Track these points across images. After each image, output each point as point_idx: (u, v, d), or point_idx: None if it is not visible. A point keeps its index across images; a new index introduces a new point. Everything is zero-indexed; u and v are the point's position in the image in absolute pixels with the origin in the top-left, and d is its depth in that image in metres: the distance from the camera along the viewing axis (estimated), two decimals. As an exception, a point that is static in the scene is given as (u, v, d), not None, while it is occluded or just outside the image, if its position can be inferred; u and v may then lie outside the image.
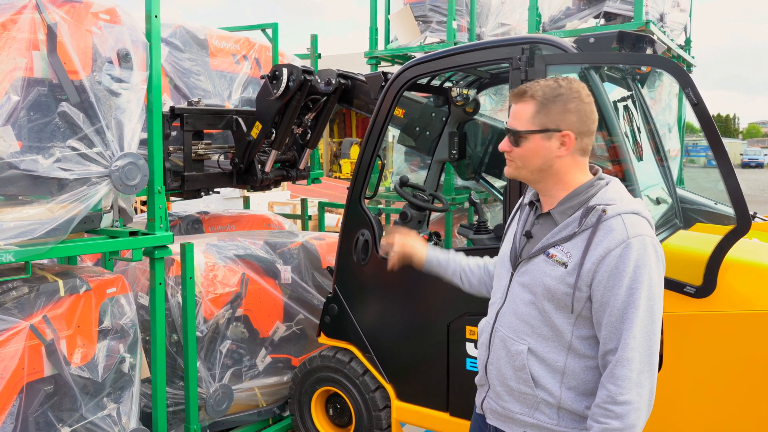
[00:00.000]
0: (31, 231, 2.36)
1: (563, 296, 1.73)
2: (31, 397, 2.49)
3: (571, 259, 1.72)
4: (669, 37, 5.98)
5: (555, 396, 1.77)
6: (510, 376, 1.84)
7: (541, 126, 1.77)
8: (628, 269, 1.64)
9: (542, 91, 1.78)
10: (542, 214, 1.87)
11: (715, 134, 2.37)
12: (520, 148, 1.82)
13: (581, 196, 1.79)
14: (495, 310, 1.94)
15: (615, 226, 1.69)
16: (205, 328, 3.44)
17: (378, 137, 3.32)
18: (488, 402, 1.94)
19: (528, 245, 1.88)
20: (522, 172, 1.86)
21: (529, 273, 1.83)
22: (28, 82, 2.44)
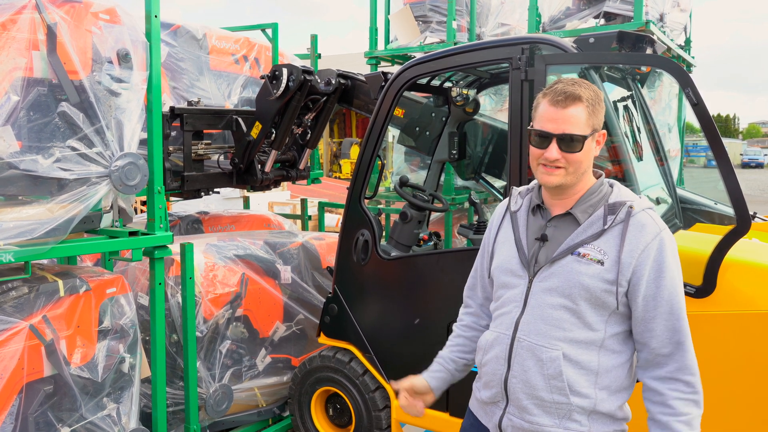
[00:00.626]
0: (30, 231, 2.36)
1: (603, 294, 1.74)
2: (30, 397, 2.49)
3: (607, 256, 1.74)
4: (669, 37, 5.97)
5: (590, 399, 1.76)
6: (542, 386, 1.78)
7: (592, 129, 1.79)
8: (668, 260, 1.74)
9: (587, 93, 1.78)
10: (557, 216, 1.86)
11: (715, 134, 2.37)
12: (577, 153, 1.77)
13: (597, 195, 1.83)
14: (512, 321, 1.85)
15: (645, 220, 1.76)
16: (205, 328, 3.44)
17: (378, 137, 3.32)
18: (509, 419, 1.85)
19: (545, 249, 1.84)
20: (570, 178, 1.80)
21: (557, 275, 1.79)
22: (28, 82, 2.44)
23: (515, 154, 2.77)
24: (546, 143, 1.79)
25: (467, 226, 3.53)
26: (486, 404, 1.94)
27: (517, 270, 1.87)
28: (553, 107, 1.78)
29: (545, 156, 1.79)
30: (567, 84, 1.79)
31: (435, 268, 3.16)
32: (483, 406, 1.96)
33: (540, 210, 1.91)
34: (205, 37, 4.16)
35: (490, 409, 1.93)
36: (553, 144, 1.77)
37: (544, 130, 1.79)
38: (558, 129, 1.76)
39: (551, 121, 1.78)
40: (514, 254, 1.89)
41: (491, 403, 1.92)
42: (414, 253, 3.42)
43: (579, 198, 1.83)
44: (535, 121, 1.84)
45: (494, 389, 1.89)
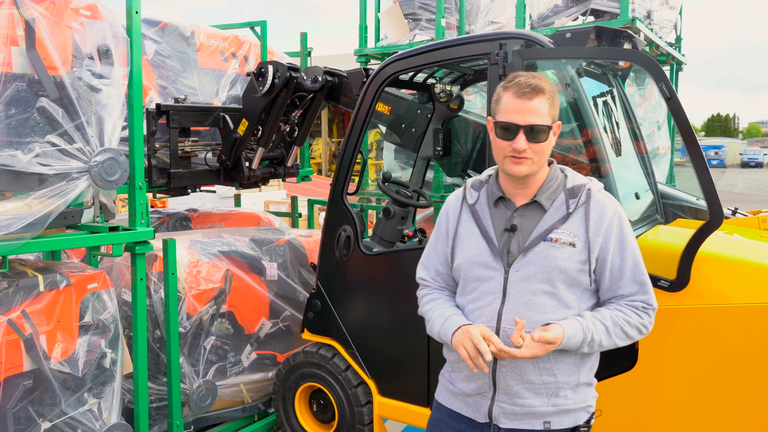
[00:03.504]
0: (7, 226, 2.37)
1: (578, 273, 1.86)
2: (9, 392, 2.49)
3: (577, 238, 1.87)
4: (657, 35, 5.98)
5: (575, 374, 1.90)
6: (531, 370, 1.86)
7: (552, 119, 1.89)
8: (627, 232, 1.92)
9: (548, 85, 1.88)
10: (523, 205, 1.92)
11: (688, 129, 2.38)
12: (541, 143, 1.85)
13: (556, 181, 1.94)
14: (494, 312, 1.89)
15: (603, 200, 1.91)
16: (189, 324, 3.45)
17: (359, 133, 3.33)
18: (500, 407, 1.90)
19: (515, 239, 1.89)
20: (535, 167, 1.88)
21: (533, 263, 1.86)
22: (6, 77, 2.45)
23: (493, 150, 2.77)
24: (512, 135, 1.85)
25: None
26: (468, 396, 1.97)
27: (490, 262, 1.91)
28: (518, 99, 1.84)
29: (514, 147, 1.84)
30: (529, 77, 1.86)
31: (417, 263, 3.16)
32: (463, 398, 1.98)
33: (503, 201, 1.95)
34: (194, 34, 4.17)
35: (474, 400, 1.96)
36: (520, 135, 1.83)
37: (511, 122, 1.84)
38: (525, 120, 1.83)
39: (518, 112, 1.83)
40: (485, 247, 1.93)
41: (476, 394, 1.95)
42: (396, 249, 3.43)
43: (540, 186, 1.92)
44: (500, 114, 1.88)
45: (480, 381, 1.93)
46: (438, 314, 2.01)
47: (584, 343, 1.83)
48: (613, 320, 1.88)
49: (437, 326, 1.99)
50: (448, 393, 2.05)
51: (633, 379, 2.59)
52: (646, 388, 2.59)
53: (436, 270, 2.10)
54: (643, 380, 2.59)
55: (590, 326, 1.84)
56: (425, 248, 2.16)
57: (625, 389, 2.62)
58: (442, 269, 2.09)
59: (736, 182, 30.71)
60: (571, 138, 3.03)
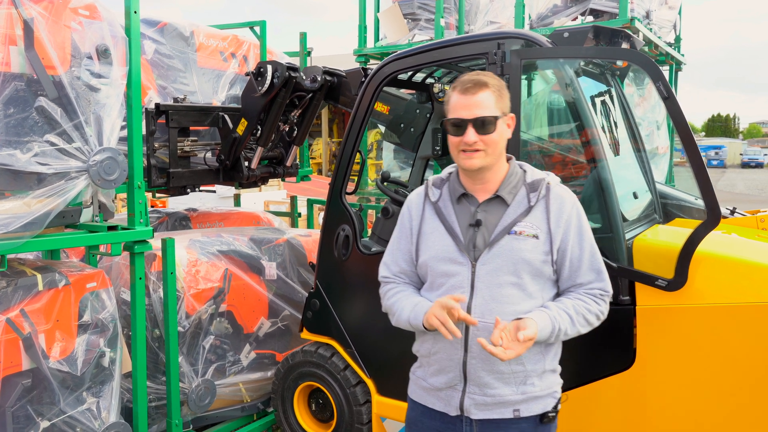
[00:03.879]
0: (6, 224, 2.37)
1: (542, 264, 1.94)
2: (8, 391, 2.50)
3: (540, 230, 1.94)
4: (657, 35, 5.99)
5: (540, 362, 1.97)
6: (500, 360, 1.88)
7: (501, 111, 1.96)
8: (584, 223, 2.01)
9: (493, 80, 1.96)
10: (486, 201, 1.99)
11: (686, 128, 2.39)
12: (490, 134, 1.92)
13: (516, 176, 2.02)
14: (462, 306, 1.92)
15: (562, 193, 2.00)
16: (188, 323, 3.45)
17: (358, 133, 3.33)
18: (471, 399, 1.95)
19: (480, 233, 1.95)
20: (489, 160, 1.95)
21: (499, 256, 1.92)
22: (5, 77, 2.45)
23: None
24: (462, 130, 1.93)
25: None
26: (440, 390, 2.01)
27: (457, 257, 1.97)
28: (463, 96, 1.94)
29: (464, 141, 1.93)
30: (473, 75, 1.97)
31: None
32: (434, 393, 2.03)
33: (466, 198, 2.02)
34: (193, 34, 4.18)
35: (446, 394, 2.00)
36: (469, 129, 1.92)
37: (459, 117, 1.94)
38: (471, 114, 1.92)
39: (464, 108, 1.93)
40: (450, 243, 1.98)
41: (447, 387, 1.99)
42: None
43: (501, 182, 1.99)
44: (449, 112, 1.98)
45: (450, 374, 1.98)
46: (406, 303, 2.05)
47: (552, 334, 1.91)
48: (575, 309, 1.95)
49: (406, 312, 2.02)
50: (421, 390, 2.10)
51: (630, 378, 2.60)
52: (643, 387, 2.60)
53: (400, 268, 2.14)
54: (640, 380, 2.59)
55: (556, 317, 1.92)
56: (387, 248, 2.20)
57: (623, 389, 2.62)
58: (407, 267, 2.13)
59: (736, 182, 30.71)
60: (570, 138, 3.03)
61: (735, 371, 2.44)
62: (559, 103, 3.09)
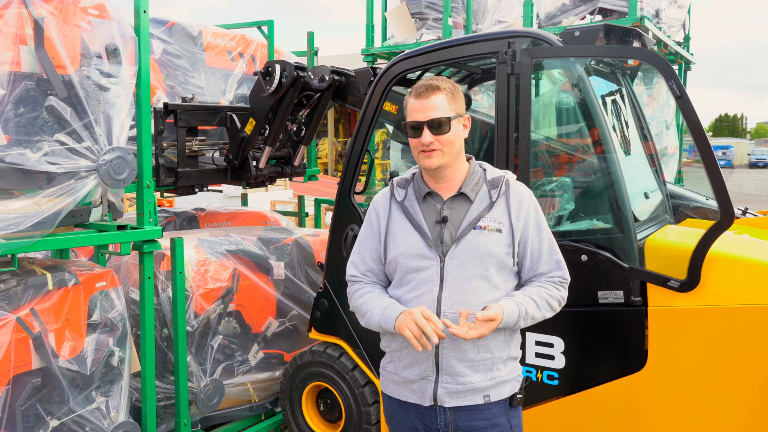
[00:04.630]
0: (16, 224, 2.38)
1: (505, 256, 2.04)
2: (18, 390, 2.50)
3: (502, 224, 2.05)
4: (666, 34, 5.95)
5: (506, 349, 2.08)
6: (470, 348, 2.02)
7: (455, 113, 2.05)
8: (541, 217, 2.12)
9: (445, 84, 2.05)
10: (450, 198, 2.08)
11: (699, 128, 2.36)
12: (445, 135, 2.01)
13: (477, 174, 2.12)
14: (433, 299, 2.01)
15: (519, 189, 2.12)
16: (196, 322, 3.45)
17: (366, 133, 3.32)
18: (443, 388, 2.03)
19: (447, 229, 2.05)
20: (446, 159, 2.03)
21: (466, 250, 2.02)
22: (15, 76, 2.45)
23: (502, 148, 2.77)
24: (419, 132, 2.03)
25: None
26: (413, 382, 2.08)
27: (425, 253, 2.04)
28: (418, 100, 2.04)
29: (421, 142, 2.02)
30: (427, 80, 2.06)
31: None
32: (407, 386, 2.10)
33: (431, 196, 2.11)
34: (201, 34, 4.18)
35: (419, 386, 2.07)
36: (425, 130, 2.01)
37: (415, 120, 2.04)
38: (426, 116, 2.01)
39: (419, 111, 2.03)
40: (418, 239, 2.06)
41: (420, 379, 2.07)
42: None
43: (464, 179, 2.09)
44: (407, 116, 2.08)
45: (423, 365, 2.05)
46: (375, 304, 2.10)
47: (520, 318, 2.00)
48: (539, 295, 2.06)
49: (377, 316, 2.07)
50: (393, 384, 2.15)
51: (643, 379, 2.58)
52: (655, 389, 2.58)
53: (367, 266, 2.20)
54: (652, 381, 2.57)
55: (522, 302, 2.02)
56: (353, 248, 2.26)
57: (635, 390, 2.60)
58: (374, 265, 2.19)
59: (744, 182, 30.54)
60: (579, 137, 3.01)
61: (748, 373, 2.42)
62: (569, 103, 3.07)
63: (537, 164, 3.25)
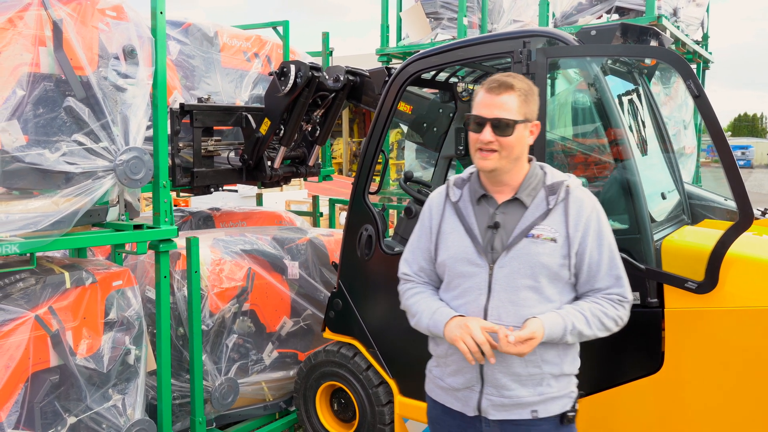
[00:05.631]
0: (35, 223, 2.41)
1: (559, 268, 1.93)
2: (36, 387, 2.53)
3: (558, 233, 1.93)
4: (684, 33, 5.89)
5: (558, 365, 1.97)
6: (517, 362, 1.91)
7: (524, 116, 1.94)
8: (604, 227, 1.99)
9: (521, 84, 1.95)
10: (504, 202, 1.99)
11: (717, 128, 2.33)
12: (507, 137, 1.91)
13: (535, 178, 2.01)
14: (479, 308, 1.94)
15: (582, 196, 1.99)
16: (211, 321, 3.47)
17: (381, 132, 3.32)
18: (488, 400, 1.96)
19: (498, 235, 1.96)
20: (503, 162, 1.94)
21: (516, 259, 1.92)
22: (34, 77, 2.49)
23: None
24: (480, 128, 1.93)
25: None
26: (457, 390, 2.03)
27: (474, 259, 1.97)
28: (488, 94, 1.94)
29: (480, 138, 1.93)
30: (502, 76, 1.96)
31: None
32: (452, 393, 2.04)
33: (485, 199, 2.02)
34: (217, 35, 4.21)
35: (463, 394, 2.01)
36: (487, 128, 1.92)
37: (479, 115, 1.94)
38: (491, 114, 1.92)
39: (485, 106, 1.93)
40: (468, 244, 1.98)
41: (465, 388, 2.00)
42: (418, 249, 3.41)
43: (520, 183, 1.99)
44: (473, 109, 1.99)
45: (468, 375, 1.98)
46: (425, 307, 2.05)
47: (566, 332, 1.90)
48: (591, 311, 1.94)
49: (425, 319, 2.02)
50: (438, 389, 2.10)
51: (659, 382, 2.55)
52: (672, 391, 2.55)
53: (419, 266, 2.15)
54: (669, 383, 2.55)
55: (569, 316, 1.91)
56: (407, 245, 2.20)
57: (651, 392, 2.58)
58: (426, 265, 2.14)
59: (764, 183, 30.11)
60: (596, 137, 2.99)
61: (766, 376, 2.38)
62: (585, 102, 3.05)
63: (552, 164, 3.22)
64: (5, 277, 2.57)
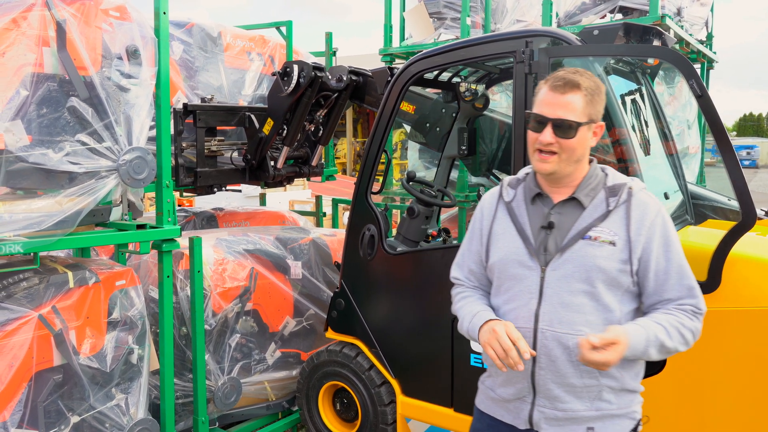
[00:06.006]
0: (38, 223, 2.42)
1: (618, 273, 1.79)
2: (40, 386, 2.54)
3: (618, 236, 1.79)
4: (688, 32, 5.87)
5: (617, 378, 1.82)
6: (572, 373, 1.79)
7: (588, 118, 1.82)
8: (671, 233, 1.84)
9: (587, 82, 1.81)
10: (561, 202, 1.87)
11: (720, 127, 2.33)
12: (571, 140, 1.80)
13: (595, 179, 1.88)
14: (530, 313, 1.83)
15: (646, 199, 1.85)
16: (214, 321, 3.48)
17: (384, 132, 3.32)
18: (540, 412, 1.84)
19: (552, 237, 1.84)
20: (562, 165, 1.82)
21: (571, 262, 1.80)
22: (38, 77, 2.50)
23: (519, 148, 2.76)
24: (541, 127, 1.82)
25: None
26: (508, 401, 1.91)
27: (525, 261, 1.86)
28: (551, 92, 1.81)
29: (540, 139, 1.81)
30: (568, 72, 1.82)
31: (441, 263, 3.15)
32: (503, 404, 1.93)
33: (540, 198, 1.91)
34: (220, 35, 4.22)
35: (514, 406, 1.90)
36: (548, 128, 1.80)
37: (540, 113, 1.82)
38: (553, 114, 1.79)
39: (548, 105, 1.81)
40: (520, 245, 1.88)
41: (516, 399, 1.89)
42: (420, 249, 3.41)
43: (579, 183, 1.87)
44: (534, 106, 1.86)
45: (519, 385, 1.87)
46: (467, 312, 1.96)
47: (649, 344, 1.74)
48: (669, 322, 1.78)
49: (466, 323, 1.94)
50: (489, 400, 2.00)
51: (661, 382, 2.54)
52: (674, 392, 2.54)
53: (469, 269, 2.06)
54: (670, 384, 2.54)
55: (650, 327, 1.76)
56: (460, 247, 2.12)
57: (652, 394, 2.57)
58: (476, 268, 2.04)
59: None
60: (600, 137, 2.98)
61: (770, 377, 2.38)
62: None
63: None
64: (9, 277, 2.58)
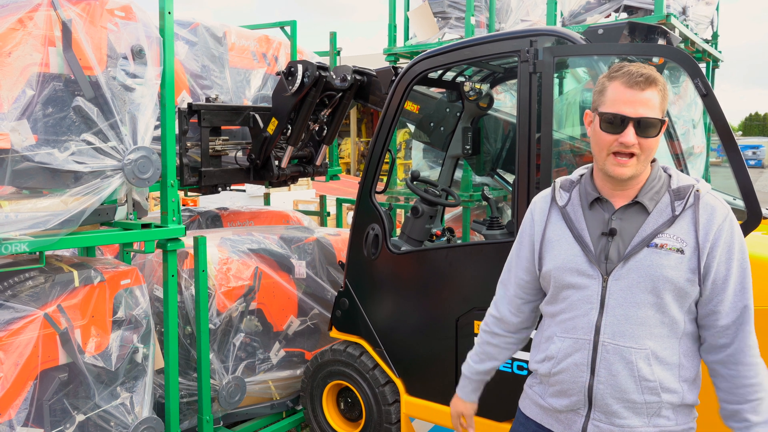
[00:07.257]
0: (44, 222, 2.43)
1: (687, 283, 1.67)
2: (45, 385, 2.56)
3: (686, 244, 1.68)
4: (693, 31, 5.85)
5: (678, 393, 1.73)
6: (633, 389, 1.70)
7: (662, 114, 1.70)
8: (738, 240, 1.71)
9: (660, 77, 1.71)
10: (622, 207, 1.75)
11: (725, 126, 2.32)
12: (653, 138, 1.68)
13: (659, 180, 1.76)
14: (590, 324, 1.73)
15: (713, 202, 1.72)
16: (219, 320, 3.49)
17: (388, 132, 3.33)
18: (595, 426, 1.75)
19: (614, 244, 1.73)
20: (640, 167, 1.71)
21: (635, 271, 1.70)
22: (44, 77, 2.51)
23: (523, 148, 2.75)
24: (620, 128, 1.67)
25: (481, 222, 3.51)
26: (560, 412, 1.84)
27: (585, 269, 1.75)
28: (629, 89, 1.67)
29: (622, 141, 1.67)
30: (640, 67, 1.69)
31: (445, 262, 3.15)
32: (553, 414, 1.86)
33: (600, 203, 1.79)
34: (225, 35, 4.23)
35: (566, 417, 1.82)
36: (629, 128, 1.66)
37: (619, 113, 1.67)
38: (636, 113, 1.66)
39: (628, 103, 1.66)
40: (578, 252, 1.77)
41: (569, 411, 1.81)
42: (424, 248, 3.41)
43: (642, 186, 1.75)
44: (606, 105, 1.70)
45: (574, 397, 1.79)
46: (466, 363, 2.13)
47: None
48: None
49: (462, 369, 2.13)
50: (536, 407, 1.92)
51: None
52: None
53: (517, 278, 1.97)
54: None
55: None
56: (506, 263, 2.02)
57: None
58: (525, 276, 1.94)
59: (774, 182, 29.84)
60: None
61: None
62: (592, 102, 3.03)
63: (560, 164, 3.22)
64: (15, 276, 2.60)
